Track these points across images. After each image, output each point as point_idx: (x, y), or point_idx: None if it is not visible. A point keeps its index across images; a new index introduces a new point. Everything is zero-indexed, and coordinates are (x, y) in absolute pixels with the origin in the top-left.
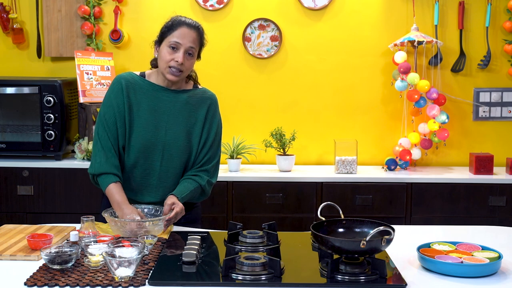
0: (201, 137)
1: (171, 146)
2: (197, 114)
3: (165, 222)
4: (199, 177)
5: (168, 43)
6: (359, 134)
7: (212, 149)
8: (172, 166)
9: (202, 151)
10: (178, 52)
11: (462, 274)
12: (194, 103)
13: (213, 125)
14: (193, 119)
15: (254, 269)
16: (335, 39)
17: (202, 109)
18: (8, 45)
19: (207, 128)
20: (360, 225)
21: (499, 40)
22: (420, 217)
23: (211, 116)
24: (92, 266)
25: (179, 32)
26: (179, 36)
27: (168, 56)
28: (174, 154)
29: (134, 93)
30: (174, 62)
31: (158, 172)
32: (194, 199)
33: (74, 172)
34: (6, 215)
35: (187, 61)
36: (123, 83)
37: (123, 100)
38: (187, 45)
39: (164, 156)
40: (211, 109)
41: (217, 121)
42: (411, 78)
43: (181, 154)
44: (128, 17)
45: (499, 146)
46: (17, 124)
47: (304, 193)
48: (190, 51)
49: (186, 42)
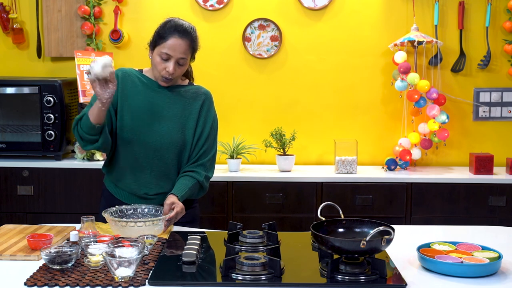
0: (196, 130)
1: (164, 137)
2: (192, 107)
3: (165, 222)
4: (196, 172)
5: (159, 53)
6: (359, 134)
7: (208, 142)
8: (166, 157)
9: (197, 144)
10: (169, 62)
11: (462, 274)
12: (189, 97)
13: (208, 119)
14: (187, 112)
15: (254, 269)
16: (335, 39)
17: (196, 103)
18: (8, 45)
19: (202, 121)
20: (360, 225)
21: (499, 40)
22: (420, 217)
23: (206, 110)
24: (92, 266)
25: (170, 43)
26: (169, 48)
27: (159, 65)
28: (167, 144)
29: (131, 84)
30: (165, 72)
31: (151, 162)
32: (194, 196)
33: (74, 172)
34: (6, 215)
35: (178, 69)
36: (119, 74)
37: (118, 88)
38: (178, 56)
39: (157, 147)
40: (206, 103)
41: (213, 116)
42: (411, 78)
43: (174, 146)
44: (128, 17)
45: (499, 146)
46: (17, 124)
47: (304, 193)
48: (180, 61)
49: (176, 54)
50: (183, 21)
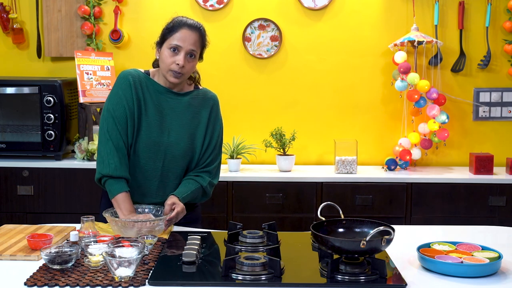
0: (205, 139)
1: (173, 147)
2: (200, 116)
3: (166, 222)
4: (200, 177)
5: (169, 45)
6: (359, 134)
7: (215, 151)
8: (174, 168)
9: (205, 153)
10: (179, 54)
11: (462, 274)
12: (197, 105)
13: (216, 126)
14: (197, 121)
15: (254, 269)
16: (335, 39)
17: (205, 111)
18: (8, 45)
19: (210, 130)
20: (360, 225)
21: (499, 40)
22: (420, 217)
23: (213, 118)
24: (92, 266)
25: (180, 34)
26: (180, 39)
27: (169, 58)
28: (177, 155)
29: (141, 90)
30: (175, 65)
31: (160, 173)
32: (196, 200)
33: (74, 172)
34: (6, 215)
35: (188, 64)
36: (130, 79)
37: (132, 96)
38: (188, 48)
39: (166, 158)
40: (214, 110)
41: (219, 123)
42: (411, 78)
43: (183, 156)
44: (128, 17)
45: (499, 146)
46: (17, 124)
47: (304, 193)
48: (191, 53)
49: (187, 45)
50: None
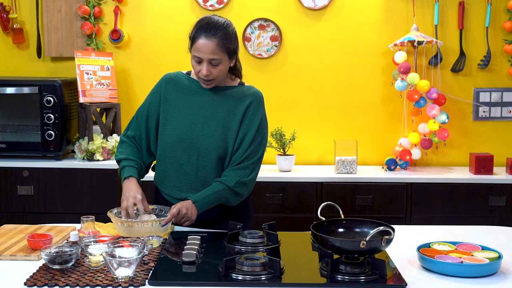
0: (238, 134)
1: (207, 140)
2: (236, 110)
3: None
4: (227, 177)
5: (192, 56)
6: (359, 134)
7: (252, 147)
8: (209, 162)
9: (240, 148)
10: (202, 64)
11: (462, 274)
12: (235, 99)
13: (253, 121)
14: (232, 114)
15: (254, 269)
16: (335, 39)
17: (242, 105)
18: (8, 45)
19: (245, 125)
20: (360, 225)
21: (499, 40)
22: (420, 217)
23: (251, 112)
24: (92, 266)
25: (198, 45)
26: (198, 50)
27: (196, 67)
28: (211, 149)
29: (175, 88)
30: (201, 74)
31: (195, 167)
32: (225, 202)
33: (74, 172)
34: (6, 215)
35: (214, 70)
36: (164, 79)
37: (159, 97)
38: (208, 58)
39: (200, 151)
40: (253, 105)
41: (260, 118)
42: (411, 78)
43: (217, 149)
44: (128, 17)
45: (499, 146)
46: (17, 124)
47: (304, 193)
48: (213, 62)
49: (205, 56)
50: (215, 18)
